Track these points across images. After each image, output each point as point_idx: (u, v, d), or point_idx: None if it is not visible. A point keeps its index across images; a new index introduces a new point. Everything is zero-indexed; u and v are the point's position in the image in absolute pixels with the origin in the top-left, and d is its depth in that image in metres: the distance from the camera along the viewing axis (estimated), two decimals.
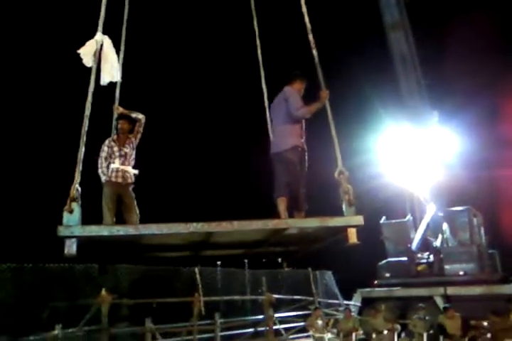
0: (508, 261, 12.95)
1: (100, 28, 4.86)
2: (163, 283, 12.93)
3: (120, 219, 5.84)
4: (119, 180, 5.95)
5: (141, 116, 6.18)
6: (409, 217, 14.16)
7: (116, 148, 6.08)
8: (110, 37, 5.02)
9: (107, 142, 6.13)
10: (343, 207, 4.66)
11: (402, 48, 14.86)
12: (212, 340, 11.92)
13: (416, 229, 14.06)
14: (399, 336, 10.90)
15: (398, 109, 15.09)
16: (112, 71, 5.10)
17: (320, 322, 11.57)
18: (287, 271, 15.52)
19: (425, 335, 10.42)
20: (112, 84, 6.08)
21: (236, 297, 13.90)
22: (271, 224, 4.58)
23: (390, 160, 15.14)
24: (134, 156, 6.21)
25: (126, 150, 6.12)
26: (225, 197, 20.62)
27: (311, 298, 14.86)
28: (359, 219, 4.62)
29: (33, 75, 18.34)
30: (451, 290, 11.72)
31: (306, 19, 5.44)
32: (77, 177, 4.30)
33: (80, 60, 4.88)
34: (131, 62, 6.26)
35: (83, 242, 4.22)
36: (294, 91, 5.56)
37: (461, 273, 12.17)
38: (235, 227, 4.42)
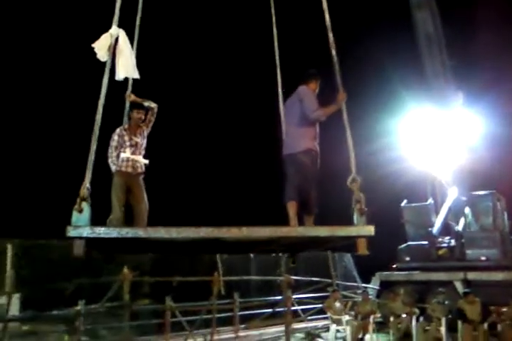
0: None
1: (116, 21, 4.70)
2: (183, 262, 13.10)
3: (128, 209, 5.79)
4: (129, 169, 5.86)
5: (153, 104, 6.05)
6: (430, 200, 14.01)
7: (127, 138, 5.96)
8: (125, 29, 4.87)
9: (118, 131, 6.01)
10: (355, 216, 4.55)
11: (427, 28, 14.51)
12: (230, 319, 12.09)
13: (437, 213, 13.92)
14: (417, 320, 10.88)
15: (422, 90, 14.83)
16: (127, 66, 4.94)
17: (338, 304, 11.63)
18: (306, 253, 15.56)
19: (444, 320, 10.37)
20: None
21: (255, 277, 14.03)
22: (280, 231, 4.56)
23: (412, 143, 14.95)
24: (144, 146, 6.11)
25: (137, 139, 6.01)
26: (234, 194, 20.75)
27: (330, 280, 14.93)
28: (370, 230, 4.51)
29: (46, 71, 18.48)
30: (471, 275, 11.64)
31: (327, 16, 5.15)
32: (88, 176, 4.22)
33: (95, 54, 4.73)
34: (145, 55, 6.15)
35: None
36: (309, 92, 5.40)
37: (483, 258, 12.05)
38: (245, 233, 4.39)
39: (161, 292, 10.88)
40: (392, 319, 11.48)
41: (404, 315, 11.25)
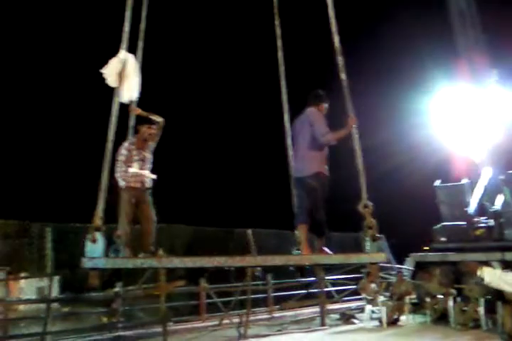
0: None
1: (124, 45, 4.72)
2: (217, 244, 13.22)
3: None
4: (138, 185, 5.85)
5: (160, 119, 5.96)
6: (465, 180, 13.70)
7: (135, 152, 5.93)
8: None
9: (126, 145, 5.95)
10: (367, 242, 4.55)
11: (460, 5, 14.04)
12: (265, 300, 12.19)
13: (472, 192, 13.62)
14: (454, 301, 10.75)
15: (454, 67, 14.42)
16: (132, 90, 5.00)
17: (372, 285, 11.58)
18: (339, 234, 15.52)
19: (482, 300, 10.23)
20: None
21: None
22: (294, 260, 4.63)
23: (444, 122, 14.60)
24: (151, 160, 6.09)
25: (146, 154, 5.99)
26: (242, 193, 20.86)
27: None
28: (382, 257, 4.59)
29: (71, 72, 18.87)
30: (509, 256, 11.37)
31: (336, 40, 5.04)
32: (100, 206, 4.22)
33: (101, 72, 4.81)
34: (150, 63, 6.09)
35: None
36: (319, 115, 5.40)
37: None
38: (258, 262, 4.49)
39: (195, 274, 11.01)
40: (428, 300, 11.39)
41: (440, 296, 11.13)
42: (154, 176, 5.96)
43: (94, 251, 4.03)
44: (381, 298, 11.37)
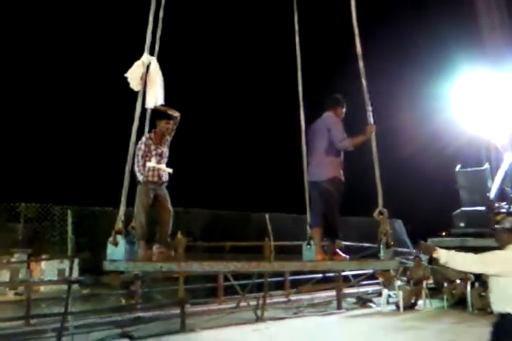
0: None
1: (147, 48, 4.62)
2: (234, 228, 13.30)
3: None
4: (156, 179, 5.88)
5: (177, 113, 5.97)
6: (486, 165, 13.52)
7: (153, 147, 5.95)
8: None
9: (144, 139, 5.96)
10: (381, 249, 4.52)
11: None
12: (282, 284, 12.26)
13: (493, 178, 13.44)
14: (472, 286, 10.70)
15: (477, 51, 14.12)
16: (156, 95, 4.87)
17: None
18: (356, 219, 15.47)
19: None
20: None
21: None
22: (310, 266, 4.69)
23: (465, 107, 14.36)
24: (167, 154, 6.11)
25: (163, 148, 6.02)
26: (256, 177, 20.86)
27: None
28: (395, 263, 4.68)
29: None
30: None
31: (358, 44, 4.91)
32: (122, 210, 4.22)
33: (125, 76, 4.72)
34: (169, 59, 6.06)
35: None
36: (336, 121, 5.39)
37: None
38: (275, 268, 4.58)
39: (213, 256, 11.10)
40: (445, 285, 11.35)
41: (458, 281, 11.08)
42: (171, 170, 6.00)
43: (116, 253, 4.06)
44: (398, 283, 11.36)
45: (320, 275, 12.53)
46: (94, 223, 13.17)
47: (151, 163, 5.89)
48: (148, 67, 4.69)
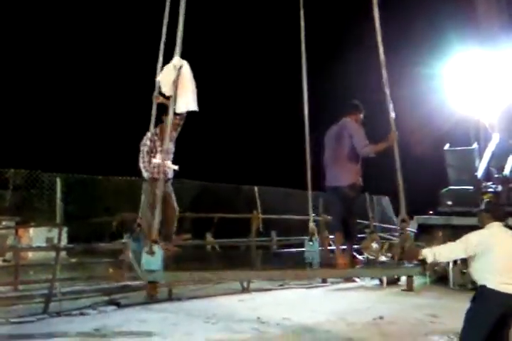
0: None
1: (178, 51, 4.42)
2: (224, 200, 13.36)
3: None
4: (161, 176, 5.73)
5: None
6: (475, 144, 13.61)
7: (158, 143, 5.84)
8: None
9: (149, 135, 5.85)
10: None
11: None
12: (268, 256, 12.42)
13: (481, 157, 13.55)
14: (455, 263, 10.91)
15: (470, 30, 14.01)
16: (188, 99, 4.64)
17: (375, 245, 11.70)
18: None
19: None
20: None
21: (293, 216, 14.20)
22: (335, 274, 4.82)
23: (457, 87, 14.34)
24: (173, 150, 6.01)
25: (169, 145, 5.88)
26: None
27: (367, 222, 14.98)
28: (418, 270, 4.82)
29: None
30: None
31: (381, 51, 4.93)
32: (157, 218, 4.18)
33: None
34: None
35: None
36: (358, 127, 5.46)
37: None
38: (302, 276, 4.64)
39: (202, 228, 11.20)
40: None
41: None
42: (176, 167, 5.93)
43: (152, 264, 3.97)
44: (383, 258, 11.52)
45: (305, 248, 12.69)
46: (83, 191, 13.16)
47: (157, 160, 5.80)
48: (179, 70, 4.47)
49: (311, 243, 6.27)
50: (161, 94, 5.93)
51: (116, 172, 13.01)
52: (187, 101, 4.63)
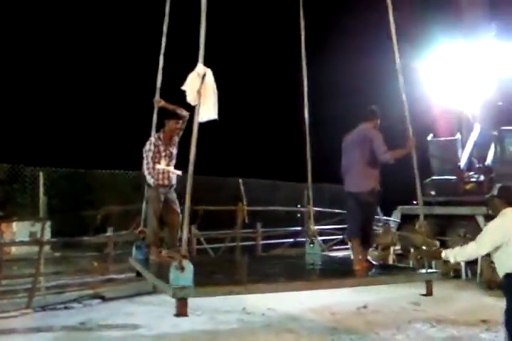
0: None
1: (201, 58, 4.28)
2: (209, 192, 13.33)
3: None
4: (166, 182, 5.76)
5: (185, 113, 5.71)
6: (458, 135, 13.74)
7: (162, 148, 5.77)
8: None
9: (153, 140, 5.75)
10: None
11: None
12: (253, 248, 12.46)
13: (463, 148, 13.69)
14: None
15: (453, 22, 14.09)
16: (210, 109, 4.48)
17: None
18: (329, 186, 15.69)
19: None
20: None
21: (278, 208, 14.28)
22: (359, 282, 5.17)
23: (440, 78, 14.44)
24: (175, 155, 5.93)
25: (172, 150, 5.84)
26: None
27: None
28: (437, 276, 5.11)
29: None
30: None
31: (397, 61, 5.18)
32: (186, 235, 4.08)
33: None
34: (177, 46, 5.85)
35: None
36: (377, 133, 5.51)
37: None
38: (322, 287, 5.02)
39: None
40: (412, 251, 11.71)
41: (424, 247, 11.42)
42: (180, 172, 5.83)
43: (182, 280, 3.83)
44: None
45: (291, 239, 12.79)
46: (67, 185, 13.05)
47: (161, 166, 5.75)
48: (203, 79, 4.32)
49: (311, 245, 6.30)
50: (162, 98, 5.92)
51: (100, 165, 12.92)
52: (209, 110, 4.49)
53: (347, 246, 12.82)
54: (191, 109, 4.51)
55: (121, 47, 20.08)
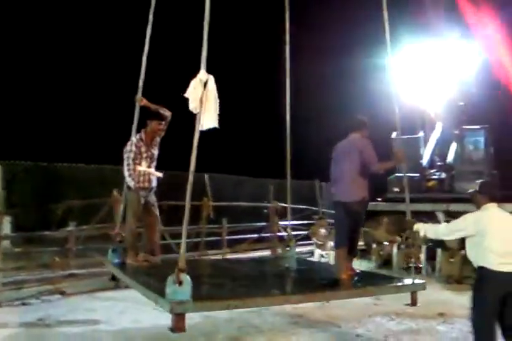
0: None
1: (203, 64, 4.16)
2: (174, 187, 13.22)
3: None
4: (146, 184, 5.67)
5: (168, 113, 5.65)
6: (421, 133, 14.02)
7: (144, 149, 5.65)
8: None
9: (135, 141, 5.62)
10: (411, 271, 5.31)
11: None
12: (219, 243, 12.44)
13: (426, 146, 13.99)
14: (398, 248, 11.28)
15: (418, 22, 14.34)
16: (211, 117, 4.36)
17: (323, 230, 11.98)
18: (294, 182, 15.75)
19: (424, 248, 10.78)
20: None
21: (244, 203, 14.28)
22: (351, 294, 5.17)
23: (405, 77, 14.67)
24: (156, 156, 5.83)
25: (154, 151, 5.74)
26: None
27: (316, 208, 15.27)
28: (424, 286, 5.14)
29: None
30: (453, 207, 11.89)
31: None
32: (183, 248, 3.92)
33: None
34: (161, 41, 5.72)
35: None
36: (368, 143, 5.55)
37: (471, 190, 12.19)
38: (317, 299, 5.21)
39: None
40: (374, 246, 11.92)
41: (386, 243, 11.65)
42: (161, 174, 5.75)
43: (179, 294, 3.67)
44: (330, 243, 11.78)
45: (256, 235, 12.82)
46: (26, 179, 12.74)
47: (142, 167, 5.63)
48: (205, 85, 4.20)
49: (288, 248, 6.33)
50: (143, 96, 5.77)
51: (61, 159, 12.65)
52: (211, 118, 4.36)
53: (311, 242, 12.96)
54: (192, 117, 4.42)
55: (102, 42, 19.72)
